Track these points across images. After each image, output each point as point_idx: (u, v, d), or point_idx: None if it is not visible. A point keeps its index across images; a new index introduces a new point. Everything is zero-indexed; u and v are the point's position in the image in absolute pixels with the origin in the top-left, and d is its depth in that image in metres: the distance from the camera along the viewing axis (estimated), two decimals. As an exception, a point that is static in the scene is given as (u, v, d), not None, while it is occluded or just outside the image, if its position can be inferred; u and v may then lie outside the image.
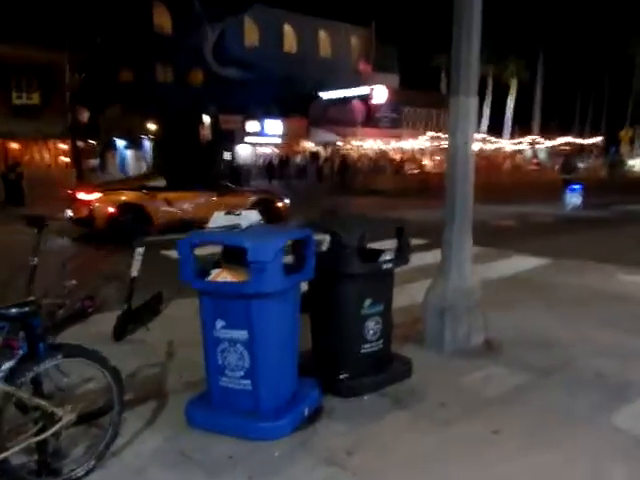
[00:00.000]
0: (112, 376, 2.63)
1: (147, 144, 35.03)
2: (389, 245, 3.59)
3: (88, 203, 10.10)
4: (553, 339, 4.47)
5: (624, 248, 9.03)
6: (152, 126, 33.35)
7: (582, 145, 45.28)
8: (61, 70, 26.23)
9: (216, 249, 3.15)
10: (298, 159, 35.24)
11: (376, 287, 3.37)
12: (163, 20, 36.11)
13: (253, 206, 10.59)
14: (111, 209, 9.95)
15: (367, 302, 3.34)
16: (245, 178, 29.81)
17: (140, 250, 4.64)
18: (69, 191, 11.11)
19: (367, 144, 35.49)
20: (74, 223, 10.55)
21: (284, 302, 2.85)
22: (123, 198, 10.21)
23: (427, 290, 4.20)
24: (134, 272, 4.62)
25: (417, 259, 7.10)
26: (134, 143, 35.97)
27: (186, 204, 10.75)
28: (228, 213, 3.01)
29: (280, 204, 11.97)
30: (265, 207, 10.59)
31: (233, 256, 2.91)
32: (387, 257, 3.40)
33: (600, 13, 47.78)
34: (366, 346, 3.39)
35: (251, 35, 38.56)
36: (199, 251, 2.93)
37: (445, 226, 4.09)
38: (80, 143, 27.93)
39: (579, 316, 5.09)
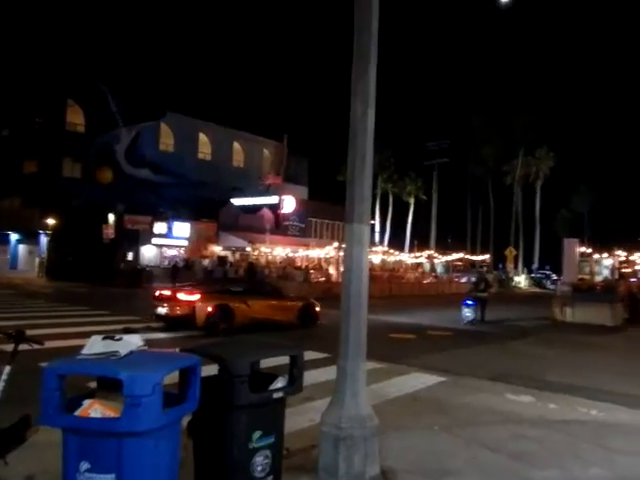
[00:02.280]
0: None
1: (43, 239, 33.25)
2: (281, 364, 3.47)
3: (190, 303, 11.64)
4: (448, 467, 4.42)
5: (514, 366, 9.52)
6: (51, 221, 31.91)
7: (473, 261, 48.91)
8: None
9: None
10: (205, 262, 34.79)
11: (266, 417, 3.18)
12: (76, 118, 36.09)
13: (301, 309, 13.70)
14: (210, 308, 11.71)
15: (256, 434, 3.12)
16: (147, 279, 28.75)
17: (8, 369, 4.10)
18: (164, 292, 12.62)
19: (276, 251, 35.99)
20: (163, 319, 12.06)
21: (162, 440, 2.57)
22: (219, 300, 12.01)
23: (322, 417, 4.04)
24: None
25: (318, 374, 7.05)
26: (29, 237, 34.08)
27: (257, 306, 12.63)
28: (106, 338, 2.76)
29: (318, 308, 14.23)
30: (308, 310, 13.84)
31: (111, 383, 2.63)
32: (279, 384, 3.26)
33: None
34: (253, 484, 3.12)
35: (166, 140, 39.35)
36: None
37: (340, 352, 4.04)
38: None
39: (471, 439, 5.12)
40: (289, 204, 37.83)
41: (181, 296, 11.97)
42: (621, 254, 28.06)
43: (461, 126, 56.79)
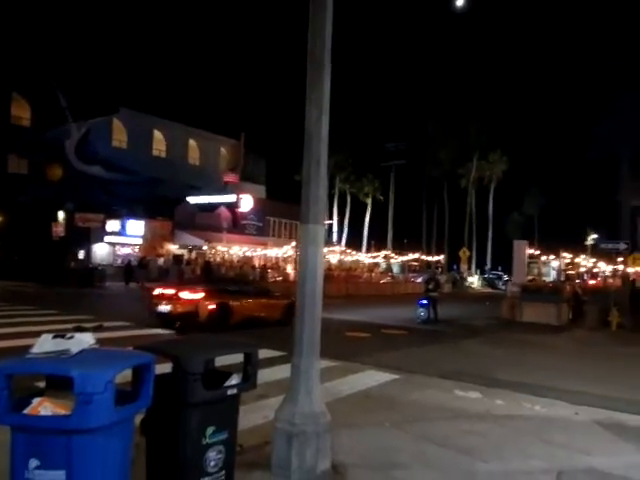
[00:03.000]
0: None
1: (-12, 237, 31.91)
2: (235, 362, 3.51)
3: (193, 301, 12.31)
4: (397, 461, 4.57)
5: (464, 364, 9.85)
6: (-3, 219, 30.67)
7: (429, 262, 49.96)
8: None
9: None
10: (160, 261, 34.18)
11: (220, 413, 3.21)
12: (22, 112, 34.77)
13: (286, 307, 13.67)
14: (212, 306, 12.41)
15: (209, 430, 3.16)
16: (100, 278, 27.99)
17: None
18: (165, 291, 13.12)
19: (233, 250, 35.72)
20: (165, 317, 12.45)
21: (113, 437, 2.57)
22: (220, 298, 12.69)
23: (275, 414, 4.10)
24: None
25: (272, 372, 7.10)
26: (-28, 235, 32.64)
27: (250, 304, 13.51)
28: (57, 336, 2.74)
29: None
30: (292, 308, 12.77)
31: (61, 383, 2.61)
32: (233, 381, 3.30)
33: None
34: (206, 479, 3.15)
35: (119, 136, 38.38)
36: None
37: (294, 350, 4.12)
38: None
39: (420, 435, 5.30)
40: (247, 203, 37.62)
41: (185, 295, 12.56)
42: (567, 256, 29.32)
43: (417, 128, 57.95)
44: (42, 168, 33.87)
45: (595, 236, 49.02)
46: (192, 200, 37.75)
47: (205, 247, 35.09)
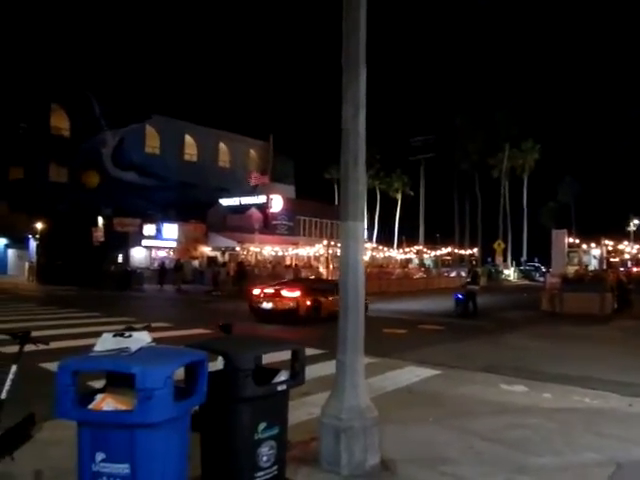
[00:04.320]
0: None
1: (32, 243, 33.06)
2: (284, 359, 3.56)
3: (293, 299, 14.36)
4: (446, 456, 4.52)
5: (506, 358, 9.68)
6: (39, 225, 31.74)
7: (462, 255, 49.28)
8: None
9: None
10: (195, 263, 34.77)
11: (271, 409, 3.28)
12: (61, 122, 35.88)
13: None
14: (308, 302, 14.50)
15: (261, 426, 3.22)
16: (137, 281, 28.73)
17: (14, 367, 4.15)
18: (266, 290, 14.91)
19: (265, 250, 36.04)
20: (268, 313, 14.44)
21: (172, 431, 2.67)
22: (313, 296, 14.72)
23: (322, 410, 4.14)
24: (2, 394, 4.09)
25: (316, 370, 7.15)
26: (18, 242, 33.85)
27: (334, 300, 13.94)
28: (117, 335, 2.85)
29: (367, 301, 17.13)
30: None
31: (121, 380, 2.72)
32: (282, 378, 3.36)
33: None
34: (260, 474, 3.21)
35: (152, 142, 39.22)
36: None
37: (338, 346, 4.14)
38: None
39: (467, 429, 5.24)
40: (277, 203, 37.89)
41: (285, 293, 14.54)
42: (609, 243, 28.35)
43: (446, 121, 57.23)
44: (80, 176, 34.87)
45: (638, 222, 47.55)
46: (224, 202, 38.25)
47: (238, 248, 35.51)
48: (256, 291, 15.14)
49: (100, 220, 31.26)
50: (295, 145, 50.76)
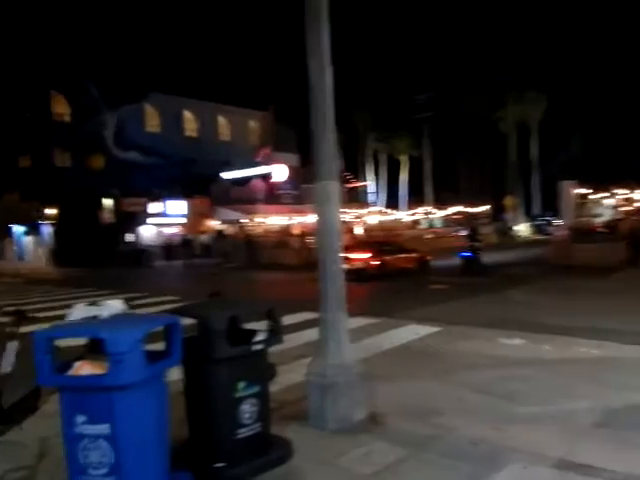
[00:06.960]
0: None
1: (46, 229, 33.63)
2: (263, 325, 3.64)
3: (364, 260, 16.32)
4: (435, 408, 4.59)
5: (510, 312, 9.64)
6: (51, 211, 32.26)
7: (473, 214, 48.80)
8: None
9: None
10: (204, 237, 35.06)
11: (249, 368, 3.38)
12: (61, 108, 35.90)
13: (418, 259, 18.41)
14: (376, 262, 16.52)
15: (241, 385, 3.33)
16: (147, 259, 29.24)
17: (14, 344, 4.32)
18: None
19: (270, 220, 36.14)
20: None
21: (148, 392, 2.79)
22: (380, 256, 16.76)
23: (307, 368, 4.24)
24: (7, 368, 4.28)
25: (312, 333, 7.24)
26: (33, 229, 34.43)
27: (395, 259, 17.37)
28: (90, 304, 2.95)
29: (429, 257, 19.01)
30: (422, 260, 18.46)
31: (97, 347, 2.84)
32: (259, 338, 3.44)
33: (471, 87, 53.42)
34: (242, 430, 3.34)
35: (152, 120, 39.05)
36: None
37: (320, 305, 4.21)
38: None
39: (460, 383, 5.30)
40: (281, 172, 37.75)
41: (357, 255, 16.23)
42: (622, 193, 27.58)
43: (448, 78, 55.83)
44: (85, 159, 35.08)
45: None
46: (226, 176, 38.20)
47: (243, 220, 35.62)
48: None
49: (108, 201, 31.62)
50: (296, 114, 50.13)
